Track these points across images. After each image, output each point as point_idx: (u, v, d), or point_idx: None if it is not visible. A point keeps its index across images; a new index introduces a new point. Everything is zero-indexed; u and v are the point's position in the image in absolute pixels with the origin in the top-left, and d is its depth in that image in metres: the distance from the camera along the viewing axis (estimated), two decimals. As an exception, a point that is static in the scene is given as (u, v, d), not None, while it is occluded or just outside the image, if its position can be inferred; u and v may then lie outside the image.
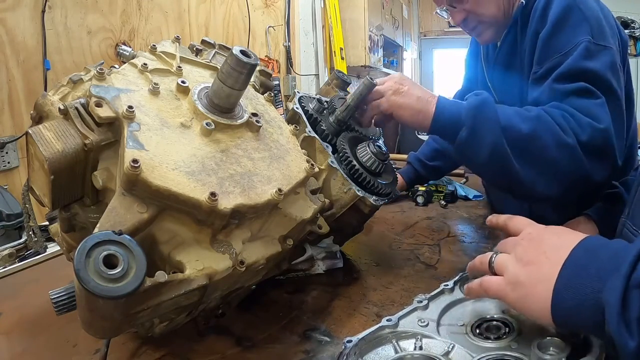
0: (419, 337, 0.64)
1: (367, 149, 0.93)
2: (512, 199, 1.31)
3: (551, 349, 0.54)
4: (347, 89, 1.16)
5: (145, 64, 0.72)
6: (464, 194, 1.65)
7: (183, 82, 0.71)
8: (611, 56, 0.98)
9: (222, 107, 0.71)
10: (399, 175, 1.46)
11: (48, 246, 1.24)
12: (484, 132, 0.89)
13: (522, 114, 0.94)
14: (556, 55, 1.00)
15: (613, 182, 1.05)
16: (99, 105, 0.61)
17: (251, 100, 0.81)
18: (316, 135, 0.92)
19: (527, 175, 0.91)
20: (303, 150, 0.80)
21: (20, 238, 1.36)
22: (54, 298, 0.64)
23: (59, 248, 1.07)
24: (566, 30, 1.00)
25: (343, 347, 0.62)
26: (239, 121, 0.72)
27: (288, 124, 0.84)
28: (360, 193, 0.90)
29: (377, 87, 0.97)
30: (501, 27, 1.19)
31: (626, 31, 5.46)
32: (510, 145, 0.89)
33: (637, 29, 5.50)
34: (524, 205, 1.26)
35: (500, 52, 1.25)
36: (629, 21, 5.57)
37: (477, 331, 0.63)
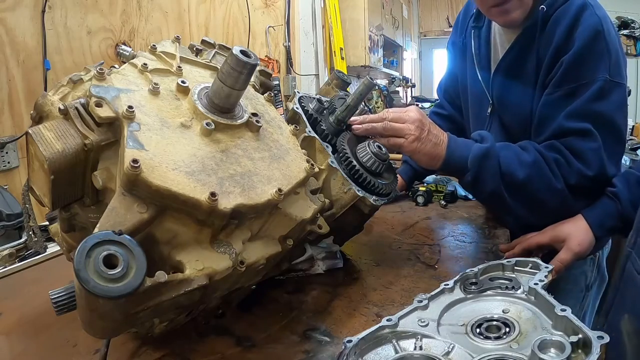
0: (419, 337, 0.64)
1: (367, 149, 0.93)
2: None
3: (551, 349, 0.54)
4: (347, 89, 1.16)
5: (145, 64, 0.71)
6: (464, 194, 1.65)
7: (183, 82, 0.71)
8: (622, 93, 1.04)
9: (222, 107, 0.71)
10: (398, 175, 1.46)
11: (48, 246, 1.24)
12: (485, 179, 1.03)
13: (521, 158, 1.03)
14: (573, 85, 1.03)
15: (612, 181, 1.05)
16: (99, 105, 0.61)
17: (251, 100, 0.81)
18: (316, 135, 0.92)
19: (520, 211, 1.07)
20: (303, 150, 0.80)
21: (20, 238, 1.36)
22: (54, 298, 0.64)
23: (59, 248, 1.07)
24: (589, 61, 1.02)
25: (343, 347, 0.62)
26: (239, 121, 0.72)
27: (288, 124, 0.84)
28: (360, 193, 0.90)
29: (398, 125, 0.99)
30: (522, 17, 1.13)
31: (626, 31, 5.46)
32: (507, 189, 1.03)
33: (637, 29, 5.49)
34: None
35: (508, 56, 1.21)
36: (629, 21, 5.56)
37: (477, 331, 0.63)
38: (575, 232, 1.02)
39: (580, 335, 0.54)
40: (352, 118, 0.99)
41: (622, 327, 0.79)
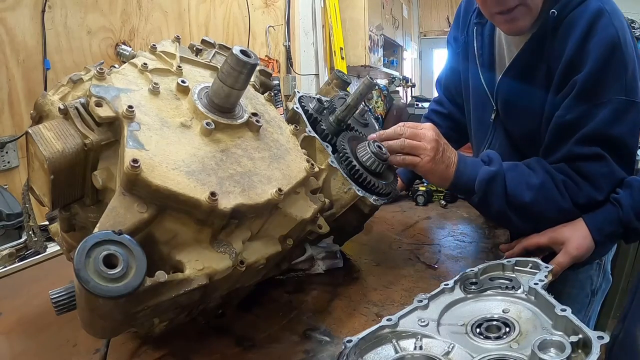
0: (419, 336, 0.64)
1: (367, 148, 0.93)
2: None
3: (551, 349, 0.54)
4: (347, 89, 1.16)
5: (145, 64, 0.71)
6: (464, 193, 1.65)
7: (183, 81, 0.71)
8: (637, 113, 1.01)
9: (222, 107, 0.70)
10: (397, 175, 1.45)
11: (48, 246, 1.23)
12: (491, 202, 1.04)
13: (529, 181, 1.02)
14: (586, 107, 0.99)
15: (616, 188, 1.04)
16: (99, 105, 0.61)
17: (251, 100, 0.81)
18: (316, 135, 0.92)
19: (526, 227, 1.10)
20: (303, 150, 0.80)
21: (20, 238, 1.36)
22: (54, 298, 0.64)
23: (58, 248, 1.07)
24: (604, 80, 0.98)
25: (343, 346, 0.62)
26: (239, 121, 0.72)
27: (288, 124, 0.84)
28: (360, 193, 0.90)
29: (415, 143, 0.98)
30: (530, 25, 1.07)
31: (626, 31, 5.47)
32: (513, 210, 1.04)
33: (637, 29, 5.49)
34: None
35: (517, 62, 1.14)
36: (630, 21, 5.57)
37: (478, 331, 0.63)
38: (575, 236, 1.02)
39: (580, 336, 0.54)
40: (371, 136, 0.99)
41: (637, 334, 0.80)
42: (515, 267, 0.80)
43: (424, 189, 1.58)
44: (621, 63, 0.97)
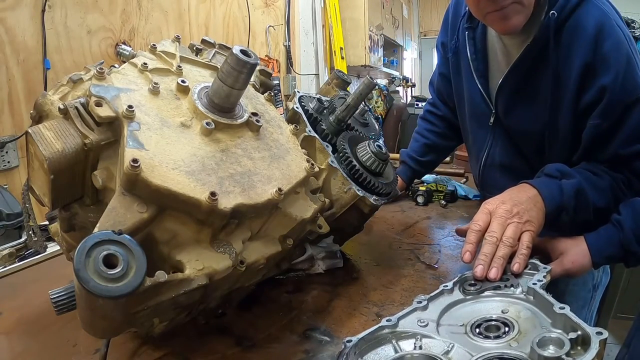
0: (419, 337, 0.64)
1: (367, 148, 0.93)
2: None
3: (550, 346, 0.54)
4: (347, 89, 1.15)
5: (145, 64, 0.71)
6: (464, 193, 1.65)
7: (183, 81, 0.71)
8: None
9: (222, 107, 0.70)
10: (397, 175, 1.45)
11: (48, 246, 1.23)
12: (580, 216, 1.00)
13: (597, 186, 1.01)
14: (620, 110, 1.00)
15: (619, 208, 1.03)
16: (98, 104, 0.61)
17: (251, 100, 0.81)
18: (316, 135, 0.92)
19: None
20: (303, 150, 0.80)
21: (20, 238, 1.36)
22: (54, 298, 0.64)
23: (58, 248, 1.07)
24: (629, 79, 0.99)
25: (343, 346, 0.62)
26: (239, 121, 0.72)
27: (288, 124, 0.84)
28: (360, 193, 0.90)
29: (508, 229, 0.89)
30: (523, 23, 1.04)
31: (626, 31, 5.48)
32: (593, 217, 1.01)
33: (637, 28, 5.49)
34: None
35: (517, 69, 1.11)
36: (629, 21, 5.56)
37: (477, 331, 0.63)
38: (574, 250, 1.00)
39: (579, 332, 0.54)
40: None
41: None
42: (515, 268, 0.80)
43: (424, 188, 1.58)
44: (633, 55, 1.00)
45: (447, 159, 2.05)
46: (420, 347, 0.62)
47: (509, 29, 1.05)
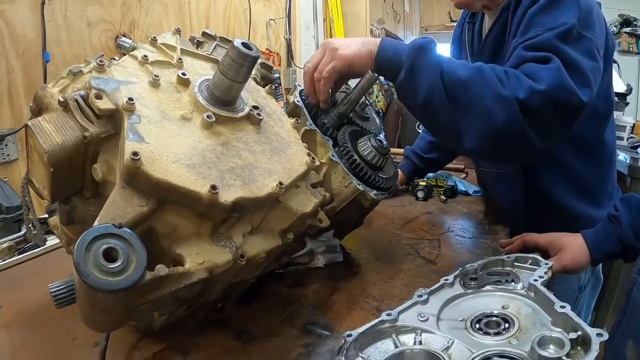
0: (419, 331, 0.64)
1: (368, 142, 0.93)
2: (506, 193, 1.31)
3: (551, 345, 0.54)
4: (348, 83, 1.15)
5: (145, 56, 0.71)
6: (463, 189, 1.65)
7: (184, 74, 0.71)
8: (590, 45, 0.93)
9: (223, 100, 0.70)
10: (398, 170, 1.45)
11: (47, 239, 1.23)
12: (422, 75, 0.89)
13: (465, 64, 0.92)
14: (538, 29, 0.94)
15: (615, 204, 1.03)
16: (98, 97, 0.61)
17: (252, 93, 0.81)
18: (317, 129, 0.92)
19: (460, 123, 0.89)
20: (304, 144, 0.80)
21: (20, 231, 1.36)
22: (54, 291, 0.63)
23: (58, 241, 1.07)
24: (555, 9, 0.95)
25: (343, 341, 0.62)
26: (240, 114, 0.72)
27: (289, 117, 0.84)
28: (360, 187, 0.89)
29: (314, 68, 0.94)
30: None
31: (628, 29, 5.42)
32: (447, 91, 0.87)
33: (639, 27, 5.45)
34: (520, 199, 1.27)
35: (486, 41, 1.21)
36: (632, 19, 5.52)
37: (477, 326, 0.63)
38: (573, 247, 1.00)
39: (579, 332, 0.54)
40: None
41: (626, 353, 0.80)
42: (515, 263, 0.80)
43: (424, 183, 1.58)
44: (574, 1, 0.95)
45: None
46: (420, 342, 0.62)
47: (459, 3, 1.18)
